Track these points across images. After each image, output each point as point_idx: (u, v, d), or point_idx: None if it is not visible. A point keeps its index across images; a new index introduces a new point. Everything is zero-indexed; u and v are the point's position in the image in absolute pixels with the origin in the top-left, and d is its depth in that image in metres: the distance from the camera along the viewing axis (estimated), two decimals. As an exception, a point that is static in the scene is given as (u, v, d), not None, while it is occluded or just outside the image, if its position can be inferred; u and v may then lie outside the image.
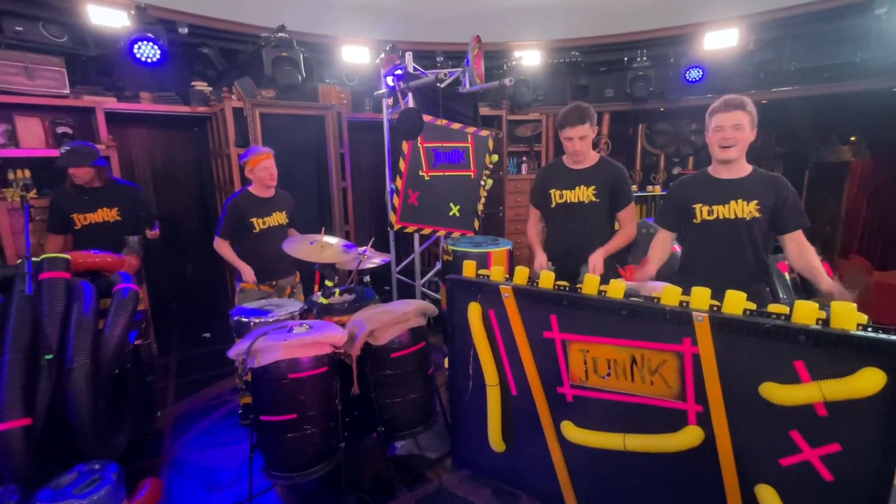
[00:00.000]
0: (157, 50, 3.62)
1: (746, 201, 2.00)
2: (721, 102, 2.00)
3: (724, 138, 1.98)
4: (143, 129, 4.51)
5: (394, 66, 4.09)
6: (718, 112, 1.99)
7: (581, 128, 2.30)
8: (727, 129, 1.97)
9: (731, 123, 1.96)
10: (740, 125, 1.96)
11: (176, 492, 2.24)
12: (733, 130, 1.97)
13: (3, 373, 1.86)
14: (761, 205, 1.98)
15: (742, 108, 1.95)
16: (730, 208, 2.03)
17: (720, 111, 1.99)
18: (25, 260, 1.99)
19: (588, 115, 2.31)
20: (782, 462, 1.53)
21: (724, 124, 1.97)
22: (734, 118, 1.96)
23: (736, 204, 2.02)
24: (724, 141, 1.99)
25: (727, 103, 1.98)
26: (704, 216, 2.08)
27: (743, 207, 2.01)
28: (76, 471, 1.75)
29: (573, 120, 2.31)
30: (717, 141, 2.01)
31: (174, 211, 4.80)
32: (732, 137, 1.97)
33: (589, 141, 2.37)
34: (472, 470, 2.33)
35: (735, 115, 1.95)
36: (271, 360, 1.89)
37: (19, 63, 3.26)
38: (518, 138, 5.79)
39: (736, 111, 1.95)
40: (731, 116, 1.96)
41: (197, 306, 4.87)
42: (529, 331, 1.96)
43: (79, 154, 2.74)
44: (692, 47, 5.01)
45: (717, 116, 2.00)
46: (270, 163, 2.88)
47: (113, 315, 2.22)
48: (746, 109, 1.96)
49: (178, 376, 3.46)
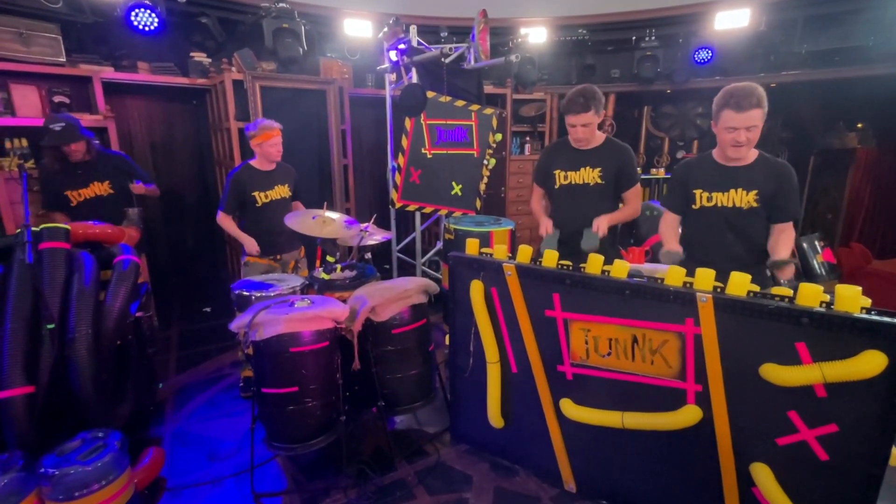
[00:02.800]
0: (155, 18, 3.52)
1: (746, 191, 1.96)
2: (734, 100, 1.82)
3: (737, 140, 1.86)
4: (140, 101, 4.43)
5: (397, 41, 3.99)
6: (731, 110, 1.83)
7: (584, 116, 2.25)
8: (741, 130, 1.84)
9: (745, 125, 1.83)
10: (755, 125, 1.83)
11: (178, 461, 2.27)
12: (747, 132, 1.84)
13: (5, 341, 1.86)
14: (760, 195, 1.94)
15: (758, 107, 1.80)
16: (728, 197, 1.99)
17: (733, 110, 1.82)
18: (25, 229, 1.97)
19: (594, 101, 2.24)
20: (779, 441, 1.56)
21: (738, 125, 1.84)
22: (749, 119, 1.82)
23: (735, 193, 1.98)
24: (737, 142, 1.87)
25: (740, 102, 1.80)
26: (703, 202, 2.05)
27: (742, 197, 1.97)
28: (80, 438, 1.76)
29: (577, 108, 2.24)
30: (728, 141, 1.89)
31: (173, 184, 4.75)
32: (746, 139, 1.86)
33: (593, 127, 2.32)
34: (470, 445, 2.37)
35: (750, 116, 1.81)
36: (273, 333, 1.90)
37: (13, 28, 3.17)
38: (522, 118, 5.70)
39: (752, 111, 1.80)
40: (745, 118, 1.81)
41: (197, 280, 4.87)
42: (531, 309, 1.97)
43: (72, 129, 2.64)
44: (702, 27, 4.91)
45: (728, 115, 1.84)
46: (279, 139, 2.85)
47: (114, 286, 2.21)
48: (761, 106, 1.81)
49: (179, 349, 3.48)
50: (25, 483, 1.62)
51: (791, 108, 5.53)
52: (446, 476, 2.18)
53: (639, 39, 5.25)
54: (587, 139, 2.36)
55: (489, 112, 4.04)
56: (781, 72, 4.91)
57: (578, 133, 2.32)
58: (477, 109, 4.03)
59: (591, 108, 2.24)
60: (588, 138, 2.36)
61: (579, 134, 2.32)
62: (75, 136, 2.66)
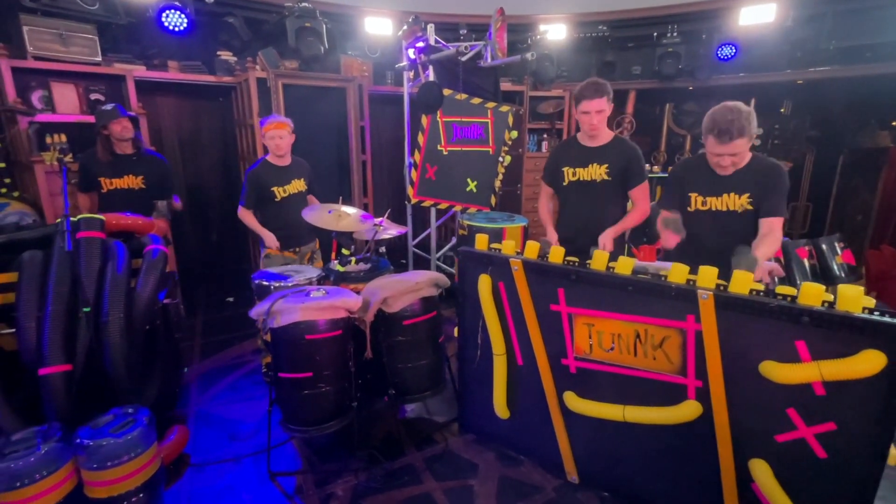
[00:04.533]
0: (185, 18, 3.68)
1: (738, 195, 2.00)
2: (717, 129, 1.88)
3: (721, 164, 1.96)
4: (170, 98, 4.62)
5: (415, 39, 4.06)
6: (714, 139, 1.90)
7: (598, 101, 2.28)
8: (725, 156, 1.93)
9: (728, 153, 1.91)
10: (738, 153, 1.91)
11: (201, 439, 2.41)
12: (731, 157, 1.92)
13: (47, 322, 2.01)
14: (754, 197, 1.98)
15: (741, 137, 1.86)
16: (722, 201, 2.04)
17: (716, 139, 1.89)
18: (64, 219, 2.12)
19: (606, 89, 2.29)
20: (778, 438, 1.58)
21: (722, 153, 1.92)
22: (732, 148, 1.88)
23: (728, 197, 2.02)
24: (721, 169, 1.99)
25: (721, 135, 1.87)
26: (698, 206, 2.09)
27: (735, 200, 2.01)
28: (112, 413, 1.90)
29: (591, 93, 2.28)
30: (714, 163, 1.99)
31: (200, 179, 4.95)
32: (730, 163, 1.95)
33: (605, 116, 2.34)
34: (477, 434, 2.44)
35: (733, 146, 1.88)
36: (290, 321, 2.00)
37: (54, 30, 3.37)
38: (539, 115, 5.70)
39: (734, 142, 1.86)
40: (728, 148, 1.89)
41: (221, 272, 5.07)
42: (537, 303, 2.02)
43: (115, 109, 2.89)
44: (726, 23, 4.81)
45: (712, 142, 1.92)
46: (278, 132, 2.90)
47: (144, 274, 2.35)
48: (745, 135, 1.86)
49: (203, 336, 3.65)
50: (63, 452, 1.77)
51: (819, 106, 5.38)
52: (453, 463, 2.25)
53: (660, 35, 5.19)
54: (600, 129, 2.37)
55: (505, 109, 4.08)
56: (809, 68, 4.78)
57: (593, 119, 2.32)
58: (493, 107, 4.07)
59: (605, 94, 2.28)
60: (601, 128, 2.37)
61: (593, 120, 2.32)
62: (115, 113, 2.87)
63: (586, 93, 2.30)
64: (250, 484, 2.11)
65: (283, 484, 2.11)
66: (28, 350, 2.01)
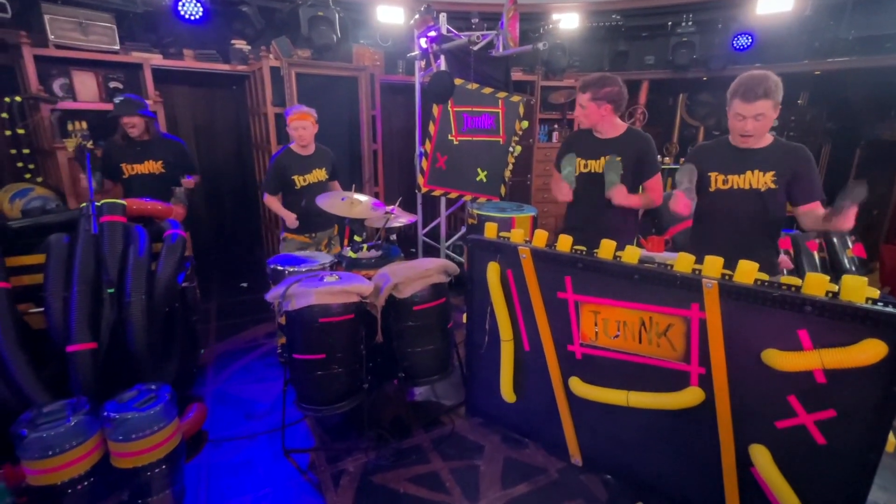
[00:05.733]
0: (200, 7, 3.74)
1: (763, 172, 1.96)
2: (743, 87, 1.86)
3: (745, 129, 1.92)
4: (185, 87, 4.69)
5: (427, 28, 4.07)
6: (739, 99, 1.88)
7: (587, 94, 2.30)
8: (748, 119, 1.89)
9: (753, 114, 1.87)
10: (763, 114, 1.87)
11: (218, 417, 2.51)
12: (755, 121, 1.89)
13: (73, 302, 2.11)
14: (777, 176, 1.95)
15: (766, 98, 1.84)
16: (745, 178, 1.99)
17: (741, 99, 1.87)
18: (89, 203, 2.21)
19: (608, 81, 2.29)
20: (778, 424, 1.61)
21: (746, 114, 1.89)
22: (756, 109, 1.86)
23: (752, 174, 1.98)
24: (745, 131, 1.93)
25: (748, 92, 1.85)
26: (719, 185, 2.05)
27: (759, 178, 1.97)
28: (136, 389, 1.99)
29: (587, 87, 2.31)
30: (736, 129, 1.95)
31: (214, 166, 5.03)
32: (753, 128, 1.91)
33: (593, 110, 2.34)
34: (483, 418, 2.50)
35: (758, 106, 1.85)
36: (304, 304, 2.07)
37: (74, 18, 3.44)
38: (551, 105, 5.68)
39: (759, 101, 1.84)
40: (753, 108, 1.86)
41: (235, 258, 5.18)
42: (544, 291, 2.06)
43: (131, 104, 2.97)
44: (743, 12, 4.74)
45: (737, 104, 1.89)
46: (301, 123, 2.98)
47: (164, 258, 2.44)
48: (769, 97, 1.84)
49: (218, 320, 3.76)
50: (91, 425, 1.86)
51: (837, 97, 5.29)
52: (460, 445, 2.33)
53: (675, 25, 5.12)
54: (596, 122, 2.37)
55: (516, 99, 4.08)
56: (827, 59, 4.69)
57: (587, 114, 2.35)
58: (504, 97, 4.08)
59: (605, 88, 2.28)
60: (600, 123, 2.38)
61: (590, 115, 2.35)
62: (130, 110, 2.94)
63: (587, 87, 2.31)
64: (265, 459, 2.20)
65: (297, 460, 2.20)
66: (56, 328, 2.11)
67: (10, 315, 2.04)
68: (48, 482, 1.76)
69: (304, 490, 2.04)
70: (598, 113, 2.33)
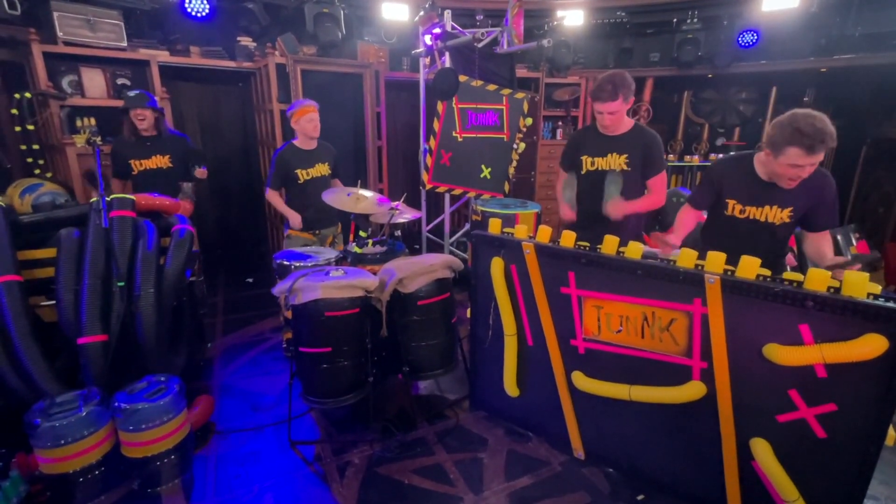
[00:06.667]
0: (206, 4, 3.76)
1: (781, 208, 1.94)
2: (808, 140, 1.68)
3: (800, 175, 1.80)
4: (192, 83, 4.72)
5: (432, 25, 4.08)
6: (801, 150, 1.71)
7: (612, 104, 2.26)
8: (806, 167, 1.77)
9: (811, 162, 1.75)
10: (820, 160, 1.77)
11: (225, 410, 2.54)
12: (811, 167, 1.78)
13: (84, 295, 2.15)
14: (795, 212, 1.93)
15: (830, 145, 1.71)
16: (763, 212, 1.97)
17: (804, 150, 1.70)
18: (100, 197, 2.24)
19: (623, 88, 2.24)
20: (779, 418, 1.63)
21: (805, 164, 1.75)
22: (817, 158, 1.74)
23: (770, 209, 1.96)
24: (798, 177, 1.81)
25: (814, 146, 1.69)
26: (735, 213, 2.03)
27: (776, 213, 1.95)
28: (146, 380, 2.03)
29: (605, 95, 2.25)
30: (788, 175, 1.81)
31: (220, 163, 5.06)
32: (807, 173, 1.80)
33: (621, 114, 2.34)
34: (487, 412, 2.53)
35: (819, 157, 1.74)
36: (310, 298, 2.10)
37: (83, 16, 3.47)
38: (555, 102, 5.68)
39: (821, 153, 1.73)
40: (815, 158, 1.73)
41: (241, 253, 5.21)
42: (548, 286, 2.08)
43: (140, 97, 3.02)
44: (748, 9, 4.73)
45: (796, 154, 1.73)
46: (315, 115, 3.03)
47: (172, 253, 2.48)
48: (831, 143, 1.71)
49: (225, 314, 3.80)
50: (103, 415, 1.91)
51: (843, 95, 5.26)
52: (464, 437, 2.35)
53: (680, 22, 5.11)
54: (615, 126, 2.40)
55: (520, 96, 4.09)
56: (833, 56, 4.68)
57: (605, 120, 2.35)
58: (508, 94, 4.08)
59: (620, 95, 2.25)
60: (616, 125, 2.39)
61: (606, 121, 2.36)
62: (142, 102, 2.99)
63: (601, 95, 2.27)
64: (272, 451, 2.23)
65: (303, 451, 2.23)
66: (67, 321, 2.15)
67: (23, 308, 2.08)
68: (61, 470, 1.81)
69: (310, 481, 2.07)
70: (624, 110, 2.33)
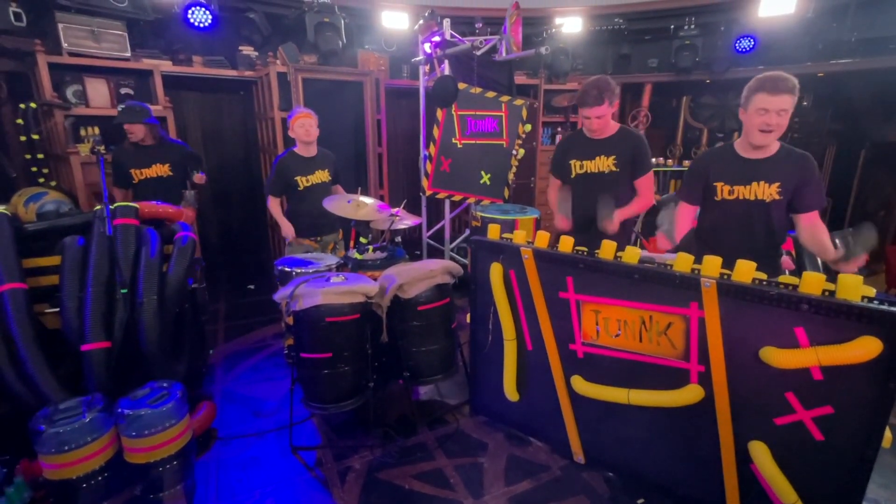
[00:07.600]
0: (209, 15, 3.82)
1: (769, 183, 1.96)
2: (769, 82, 1.83)
3: (768, 123, 1.86)
4: (194, 92, 4.78)
5: (431, 33, 4.13)
6: (765, 93, 1.84)
7: (598, 108, 2.31)
8: (772, 112, 1.84)
9: (777, 108, 1.83)
10: (786, 110, 1.84)
11: (227, 416, 2.56)
12: (778, 116, 1.84)
13: (88, 303, 2.17)
14: (783, 187, 1.95)
15: (791, 93, 1.81)
16: (751, 189, 2.00)
17: (767, 92, 1.83)
18: (104, 205, 2.27)
19: (608, 92, 2.28)
20: (776, 421, 1.64)
21: (771, 108, 1.84)
22: (781, 103, 1.82)
23: (758, 185, 1.98)
24: (767, 126, 1.87)
25: (777, 86, 1.82)
26: (724, 195, 2.06)
27: (764, 189, 1.97)
28: (148, 387, 2.05)
29: (590, 100, 2.30)
30: (758, 124, 1.89)
31: (222, 170, 5.11)
32: (776, 123, 1.86)
33: (607, 118, 2.38)
34: (487, 416, 2.54)
35: (783, 100, 1.82)
36: (311, 304, 2.12)
37: (86, 27, 3.52)
38: (554, 108, 5.72)
39: (785, 95, 1.81)
40: (779, 101, 1.82)
41: (242, 260, 5.24)
42: (546, 291, 2.10)
43: (133, 112, 3.04)
44: (745, 15, 4.77)
45: (761, 97, 1.85)
46: (307, 121, 3.04)
47: (174, 260, 2.50)
48: (793, 93, 1.82)
49: (226, 321, 3.82)
50: (106, 421, 1.92)
51: (841, 99, 5.29)
52: (464, 442, 2.36)
53: (678, 28, 5.16)
54: (601, 129, 2.43)
55: (519, 103, 4.13)
56: (830, 61, 4.70)
57: (593, 125, 2.39)
58: (507, 100, 4.13)
59: (605, 99, 2.29)
60: (602, 129, 2.43)
61: (594, 125, 2.39)
62: (132, 118, 3.02)
63: (586, 100, 2.31)
64: (273, 456, 2.24)
65: (304, 457, 2.25)
66: (71, 328, 2.17)
67: (28, 315, 2.10)
68: (64, 476, 1.82)
69: (311, 486, 2.08)
70: (609, 113, 2.36)
